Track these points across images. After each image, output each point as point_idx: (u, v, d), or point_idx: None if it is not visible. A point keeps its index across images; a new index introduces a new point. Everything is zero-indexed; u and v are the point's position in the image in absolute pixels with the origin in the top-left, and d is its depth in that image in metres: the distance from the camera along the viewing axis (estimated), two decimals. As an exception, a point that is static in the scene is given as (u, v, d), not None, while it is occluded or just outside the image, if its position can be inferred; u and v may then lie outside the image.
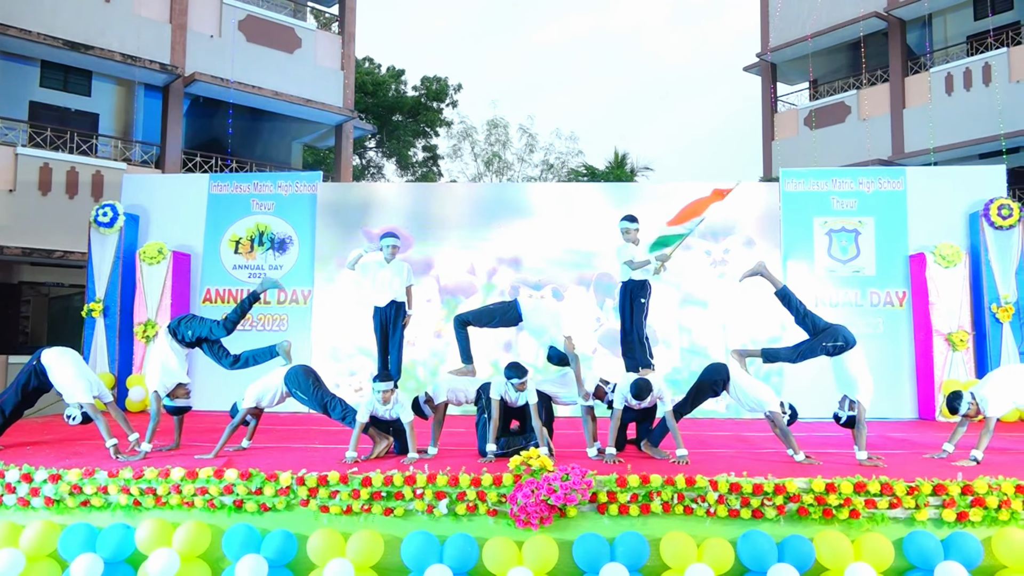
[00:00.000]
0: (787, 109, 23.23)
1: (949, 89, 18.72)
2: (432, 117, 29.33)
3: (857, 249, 10.67)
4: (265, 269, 11.05)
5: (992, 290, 10.10)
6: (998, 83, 17.75)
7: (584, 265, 10.70)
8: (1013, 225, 10.13)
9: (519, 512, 5.02)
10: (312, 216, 11.10)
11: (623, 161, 30.50)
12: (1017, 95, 17.45)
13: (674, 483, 5.15)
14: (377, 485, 5.26)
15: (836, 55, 22.24)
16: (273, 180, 11.44)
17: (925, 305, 10.11)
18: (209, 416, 8.45)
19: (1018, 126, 17.07)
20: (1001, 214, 10.14)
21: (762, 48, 23.14)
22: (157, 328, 10.28)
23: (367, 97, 27.04)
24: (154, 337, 10.38)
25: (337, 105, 18.04)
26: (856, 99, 20.69)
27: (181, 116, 16.35)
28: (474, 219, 10.97)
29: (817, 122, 21.40)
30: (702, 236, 10.56)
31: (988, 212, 10.18)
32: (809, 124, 21.63)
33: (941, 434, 8.25)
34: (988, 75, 18.00)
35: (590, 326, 10.56)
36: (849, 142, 20.46)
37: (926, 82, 19.24)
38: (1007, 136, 16.98)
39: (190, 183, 11.57)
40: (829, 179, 10.90)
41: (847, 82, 21.96)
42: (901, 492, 5.09)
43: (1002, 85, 17.68)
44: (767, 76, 23.23)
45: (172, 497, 5.33)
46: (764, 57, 22.98)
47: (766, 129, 23.03)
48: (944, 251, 10.09)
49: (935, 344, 9.97)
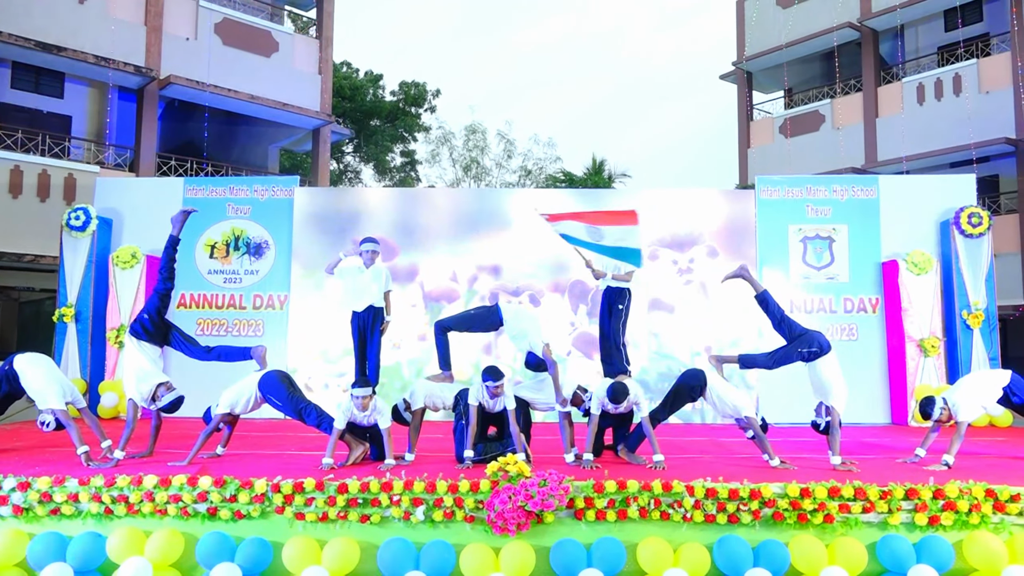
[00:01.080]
0: (762, 117, 23.49)
1: (920, 99, 19.04)
2: (410, 122, 29.27)
3: (831, 256, 10.80)
4: (241, 274, 10.97)
5: (963, 297, 10.26)
6: (968, 93, 18.08)
7: (559, 272, 10.74)
8: (983, 233, 10.32)
9: (496, 518, 5.01)
10: (289, 221, 11.03)
11: (601, 167, 30.62)
12: (986, 105, 17.80)
13: (651, 489, 5.16)
14: (353, 492, 5.22)
15: (810, 64, 22.54)
16: (249, 184, 11.35)
17: (897, 311, 10.25)
18: (182, 423, 8.35)
19: (987, 136, 17.41)
20: (971, 222, 10.31)
21: (738, 57, 23.40)
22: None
23: (345, 101, 26.91)
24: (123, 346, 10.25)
25: (314, 109, 17.95)
26: (830, 108, 20.98)
27: (156, 119, 16.18)
28: (455, 226, 10.98)
29: (792, 130, 21.66)
30: (670, 246, 10.69)
31: (959, 220, 10.35)
32: (784, 132, 21.89)
33: (913, 439, 8.36)
34: (959, 85, 18.33)
35: (565, 330, 10.62)
36: (823, 150, 20.73)
37: (898, 92, 19.55)
38: (977, 146, 17.30)
39: (165, 187, 11.45)
40: (804, 187, 11.03)
41: (821, 91, 22.26)
42: (874, 497, 5.15)
43: (972, 95, 18.02)
44: (743, 84, 23.48)
45: (144, 505, 5.26)
46: (740, 65, 23.23)
47: (742, 137, 23.26)
48: (916, 258, 10.25)
49: (907, 350, 10.11)
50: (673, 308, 10.71)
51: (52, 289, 12.75)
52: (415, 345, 10.64)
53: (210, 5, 16.78)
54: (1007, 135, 17.23)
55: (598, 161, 30.82)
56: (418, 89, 29.39)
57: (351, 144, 29.18)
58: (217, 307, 10.90)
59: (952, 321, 10.30)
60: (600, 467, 5.93)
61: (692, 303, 10.69)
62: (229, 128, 18.01)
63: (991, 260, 10.40)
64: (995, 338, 10.28)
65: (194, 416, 6.77)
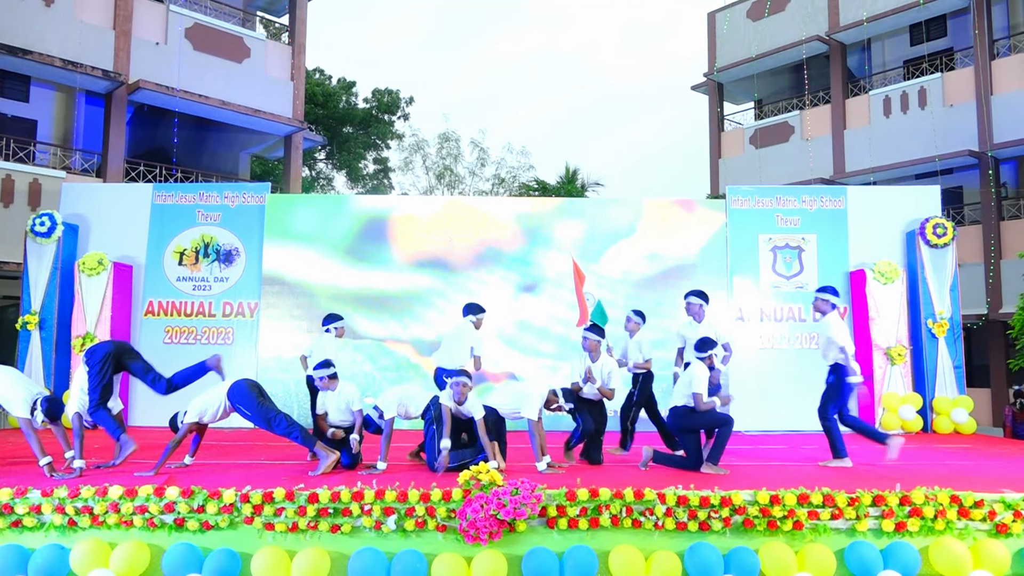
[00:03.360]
0: (733, 128, 23.77)
1: (887, 111, 19.40)
2: (383, 129, 29.19)
3: (800, 265, 10.95)
4: (210, 281, 10.85)
5: (928, 306, 10.45)
6: (933, 106, 18.47)
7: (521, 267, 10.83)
8: (947, 244, 10.53)
9: (468, 527, 5.00)
10: (260, 228, 10.94)
11: (574, 176, 30.74)
12: (951, 118, 18.18)
13: (623, 496, 5.18)
14: (324, 501, 5.18)
15: (780, 76, 22.87)
16: (220, 191, 11.25)
17: (865, 320, 10.41)
18: (149, 432, 8.23)
19: (952, 148, 17.79)
20: (936, 232, 10.52)
21: (709, 68, 23.67)
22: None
23: (317, 108, 26.79)
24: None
25: (286, 116, 17.84)
26: (799, 119, 21.29)
27: (124, 124, 15.96)
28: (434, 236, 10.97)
29: (762, 141, 21.95)
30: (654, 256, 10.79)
31: (924, 231, 10.55)
32: (754, 143, 22.18)
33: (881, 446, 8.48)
34: (924, 98, 18.71)
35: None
36: (793, 161, 21.02)
37: (866, 104, 19.91)
38: (941, 158, 17.67)
39: (133, 193, 11.30)
40: (773, 196, 11.18)
41: (790, 103, 22.59)
42: (842, 503, 5.21)
43: (936, 108, 18.40)
44: (714, 95, 23.75)
45: (110, 516, 5.17)
46: (711, 76, 23.51)
47: (713, 147, 23.52)
48: (882, 268, 10.42)
49: (874, 358, 10.27)
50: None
51: (16, 296, 12.52)
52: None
53: (180, 10, 16.62)
54: (970, 148, 17.61)
55: (571, 170, 30.96)
56: (391, 97, 29.34)
57: (323, 151, 29.03)
58: (186, 315, 10.77)
59: (918, 330, 10.49)
60: (563, 469, 6.03)
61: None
62: (199, 134, 17.82)
63: (955, 270, 10.61)
64: (959, 347, 10.49)
65: (159, 425, 6.68)
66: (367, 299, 10.78)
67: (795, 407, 10.36)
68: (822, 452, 7.93)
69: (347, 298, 10.75)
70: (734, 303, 10.80)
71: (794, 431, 10.10)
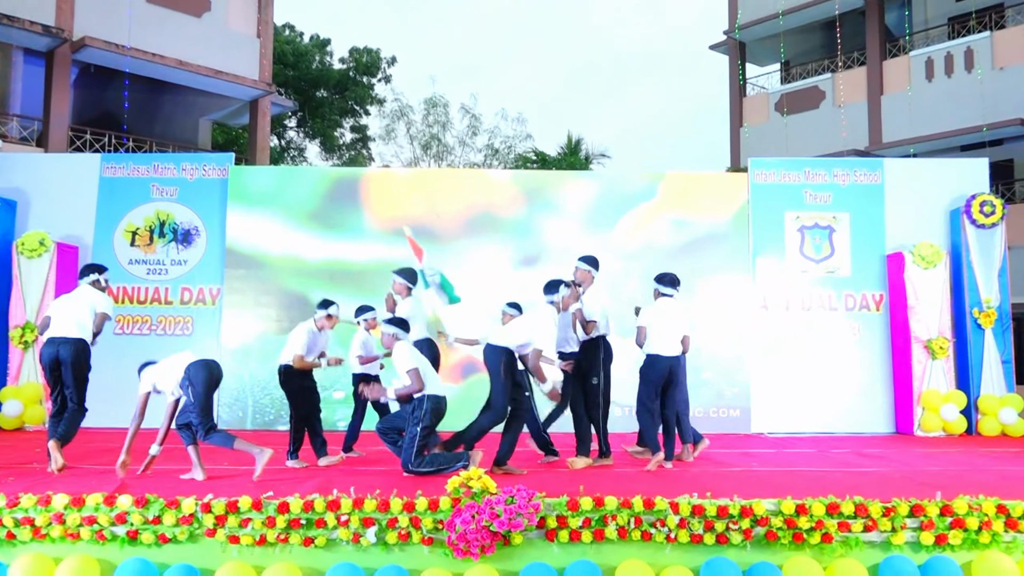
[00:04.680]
0: (757, 93, 23.73)
1: (929, 75, 19.38)
2: (362, 93, 29.09)
3: (831, 247, 10.96)
4: (167, 264, 10.82)
5: (974, 293, 10.48)
6: (981, 69, 18.44)
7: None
8: (996, 223, 10.53)
9: (458, 540, 5.01)
10: (222, 204, 10.90)
11: (577, 147, 30.74)
12: (1001, 83, 18.17)
13: (631, 506, 5.19)
14: (296, 511, 5.18)
15: (810, 35, 22.82)
16: (177, 162, 11.20)
17: (903, 309, 10.43)
18: (99, 434, 8.23)
19: (1001, 116, 17.77)
20: (983, 211, 10.53)
21: (729, 25, 23.60)
22: (36, 333, 9.96)
23: (287, 69, 26.69)
24: (33, 343, 10.08)
25: (252, 77, 17.76)
26: (831, 83, 21.27)
27: (68, 87, 15.87)
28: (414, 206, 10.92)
29: (789, 108, 21.93)
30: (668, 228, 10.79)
31: (970, 209, 10.56)
32: (780, 110, 22.15)
33: (921, 450, 8.53)
34: (970, 60, 18.69)
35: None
36: (823, 130, 21.01)
37: (905, 67, 19.89)
38: (990, 127, 17.67)
39: (78, 164, 11.24)
40: (802, 170, 11.17)
41: (821, 64, 22.56)
42: (876, 514, 5.23)
43: (985, 71, 18.38)
44: (735, 56, 23.69)
45: (54, 528, 5.16)
46: (731, 35, 23.43)
47: (734, 114, 23.49)
48: (923, 251, 10.42)
49: (913, 351, 10.29)
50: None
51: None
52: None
53: (132, -44, 16.50)
54: (1022, 116, 17.60)
55: (574, 140, 30.92)
56: (371, 56, 29.23)
57: (294, 118, 28.93)
58: (139, 302, 10.74)
59: (962, 320, 10.51)
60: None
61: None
62: (153, 98, 17.73)
63: (1005, 253, 10.63)
64: (1008, 338, 10.52)
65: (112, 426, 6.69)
66: (335, 274, 10.67)
67: (824, 406, 10.41)
68: (856, 457, 7.97)
69: (310, 272, 10.60)
70: (756, 289, 10.80)
71: (823, 433, 10.14)
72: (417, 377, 6.30)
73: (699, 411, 10.37)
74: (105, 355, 6.89)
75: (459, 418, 6.97)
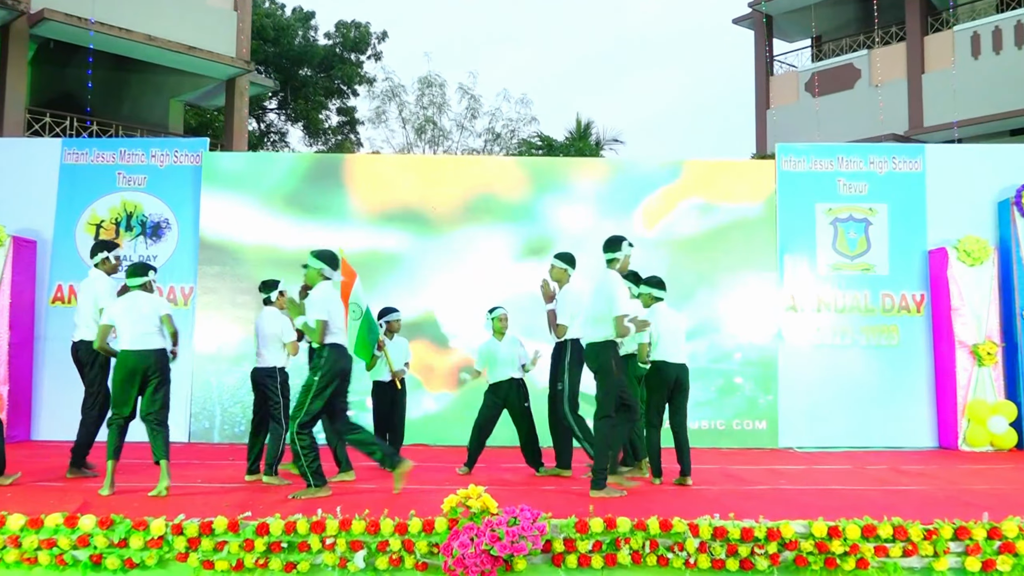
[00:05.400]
0: (785, 71, 23.71)
1: (976, 52, 19.35)
2: (349, 72, 29.07)
3: (868, 243, 10.93)
4: (134, 260, 10.80)
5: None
6: (1033, 45, 18.41)
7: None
8: (1050, 215, 10.51)
9: (455, 565, 5.00)
10: (195, 194, 10.89)
11: (587, 131, 30.68)
12: (1055, 60, 18.14)
13: (646, 528, 5.18)
14: (276, 534, 5.17)
15: (844, 7, 22.79)
16: (145, 148, 11.19)
17: (946, 311, 10.41)
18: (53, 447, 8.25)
19: (1056, 97, 17.75)
20: (1036, 202, 10.50)
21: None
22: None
23: (267, 45, 26.68)
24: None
25: (228, 54, 17.75)
26: (867, 60, 21.24)
27: (25, 65, 15.87)
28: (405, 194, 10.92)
29: (821, 88, 21.90)
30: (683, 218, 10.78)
31: (1021, 199, 10.54)
32: (811, 90, 22.13)
33: (966, 466, 8.51)
34: (1021, 36, 18.66)
35: None
36: (859, 113, 20.99)
37: (949, 42, 19.85)
38: (1043, 109, 17.64)
39: (37, 150, 11.25)
40: (835, 157, 11.14)
41: (857, 40, 22.52)
42: (917, 537, 5.21)
43: (1038, 48, 18.35)
44: (761, 31, 23.67)
45: (8, 553, 5.16)
46: (757, 7, 23.41)
47: (759, 96, 23.47)
48: (969, 246, 10.40)
49: (958, 358, 10.26)
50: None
51: None
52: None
53: (95, -79, 16.50)
54: (1079, 97, 17.59)
55: (583, 124, 30.87)
56: (359, 31, 29.22)
57: (275, 99, 28.92)
58: (104, 302, 10.73)
59: (1011, 322, 10.48)
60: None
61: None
62: (120, 77, 17.74)
63: (1059, 248, 10.59)
64: (1063, 343, 10.49)
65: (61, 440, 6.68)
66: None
67: (859, 418, 10.38)
68: (894, 474, 7.96)
69: (287, 263, 10.06)
70: (784, 289, 10.78)
71: (858, 448, 10.11)
72: (323, 329, 6.45)
73: (720, 423, 10.40)
74: (59, 364, 6.86)
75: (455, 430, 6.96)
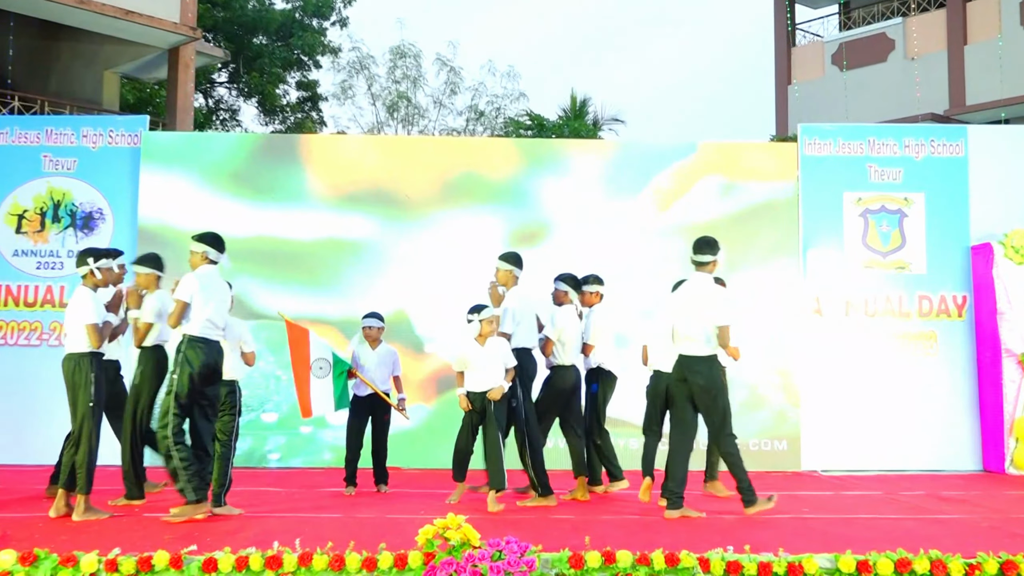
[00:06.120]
0: (809, 41, 23.81)
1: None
2: (311, 41, 28.98)
3: (902, 237, 10.96)
4: (63, 256, 10.77)
5: (1081, 295, 10.51)
6: (1090, 13, 18.55)
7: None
8: (1109, 207, 10.59)
9: (431, 606, 5.01)
10: (134, 179, 10.86)
11: (583, 109, 30.77)
12: (1115, 30, 18.27)
13: (650, 563, 5.19)
14: (226, 570, 5.17)
15: (876, -31, 22.89)
16: (76, 127, 11.15)
17: (992, 315, 10.46)
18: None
19: (1116, 72, 17.87)
20: (1093, 191, 10.59)
21: (776, -44, 23.67)
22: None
23: (216, 10, 26.59)
24: None
25: (171, 20, 17.68)
26: (902, 30, 21.34)
27: (-63, 30, 15.80)
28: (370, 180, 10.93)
29: (849, 60, 21.99)
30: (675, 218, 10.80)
31: (1076, 188, 10.61)
32: (839, 63, 22.21)
33: (1013, 492, 8.56)
34: (1077, 1, 18.79)
35: None
36: (892, 89, 21.07)
37: (995, 9, 19.96)
38: (1101, 85, 17.76)
39: (-50, 129, 11.22)
40: (865, 139, 11.17)
41: (890, 6, 22.63)
42: (958, 572, 5.23)
43: (1095, 16, 18.48)
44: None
45: (-82, 592, 5.15)
46: (778, -32, 23.50)
47: (780, 69, 23.54)
48: (1017, 241, 10.45)
49: (1005, 368, 10.31)
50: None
51: None
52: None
53: None
54: None
55: (579, 100, 30.94)
56: (323, -6, 29.15)
57: (225, 71, 28.84)
58: (27, 304, 10.68)
59: (1066, 328, 10.55)
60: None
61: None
62: (46, 46, 17.66)
63: (1120, 244, 10.67)
64: (1123, 352, 10.56)
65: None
66: (269, 256, 10.67)
67: (892, 437, 10.40)
68: (932, 501, 7.99)
69: (240, 254, 10.14)
70: (808, 289, 10.80)
71: (891, 471, 10.14)
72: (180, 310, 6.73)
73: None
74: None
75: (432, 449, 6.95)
